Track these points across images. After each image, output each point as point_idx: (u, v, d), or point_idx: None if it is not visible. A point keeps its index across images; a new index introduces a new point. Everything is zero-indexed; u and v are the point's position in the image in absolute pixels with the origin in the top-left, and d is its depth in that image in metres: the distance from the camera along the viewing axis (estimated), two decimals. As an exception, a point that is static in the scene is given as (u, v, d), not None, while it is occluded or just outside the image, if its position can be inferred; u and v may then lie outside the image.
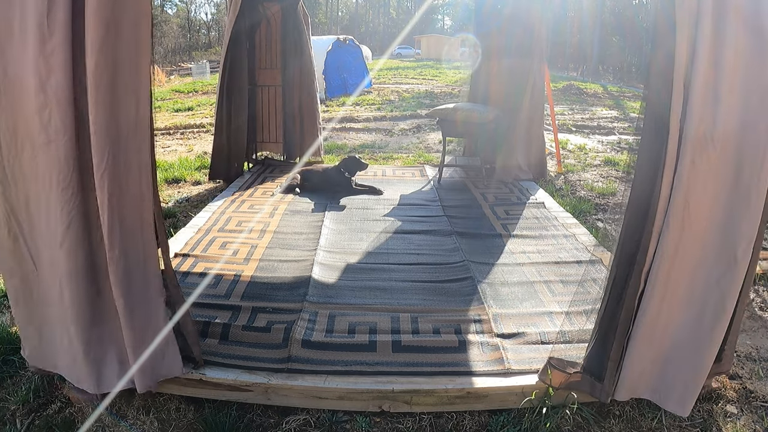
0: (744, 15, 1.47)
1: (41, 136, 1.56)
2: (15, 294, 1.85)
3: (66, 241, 1.65)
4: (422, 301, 2.59)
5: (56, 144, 1.55)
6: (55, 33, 1.47)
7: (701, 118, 1.53)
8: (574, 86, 15.23)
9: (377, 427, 1.93)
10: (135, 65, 1.57)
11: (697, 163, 1.57)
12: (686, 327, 1.77)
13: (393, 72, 23.15)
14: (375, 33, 58.53)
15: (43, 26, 1.46)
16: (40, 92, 1.51)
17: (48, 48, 1.48)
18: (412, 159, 6.34)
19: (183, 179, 5.37)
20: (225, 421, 1.90)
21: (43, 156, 1.59)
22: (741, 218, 1.59)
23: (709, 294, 1.70)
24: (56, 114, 1.53)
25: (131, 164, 1.64)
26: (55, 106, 1.52)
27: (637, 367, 1.82)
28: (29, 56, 1.50)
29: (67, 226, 1.63)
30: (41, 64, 1.49)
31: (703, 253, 1.68)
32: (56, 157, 1.57)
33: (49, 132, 1.55)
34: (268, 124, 5.67)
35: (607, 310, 1.85)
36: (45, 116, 1.53)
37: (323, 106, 11.41)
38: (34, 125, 1.56)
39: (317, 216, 3.86)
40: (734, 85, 1.50)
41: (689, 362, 1.78)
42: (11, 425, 1.91)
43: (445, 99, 12.22)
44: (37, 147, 1.58)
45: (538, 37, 4.79)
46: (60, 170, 1.58)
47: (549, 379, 1.92)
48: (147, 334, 1.81)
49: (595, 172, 5.82)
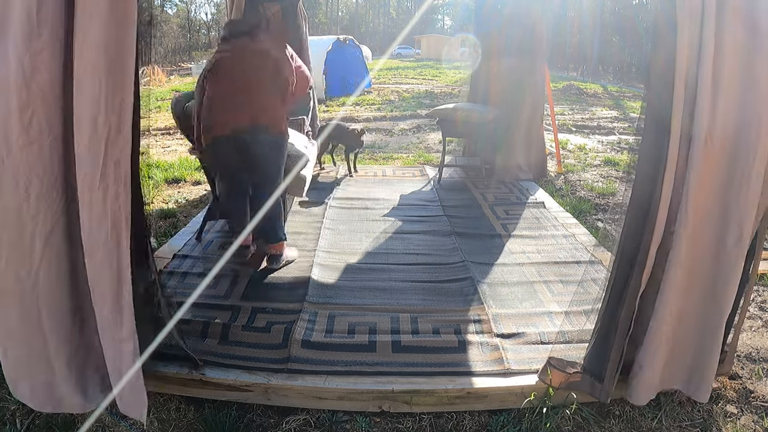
0: (742, 14, 1.48)
1: (21, 138, 1.44)
2: None
3: (49, 246, 1.55)
4: (422, 302, 2.59)
5: (39, 144, 1.46)
6: (45, 29, 1.39)
7: (705, 118, 1.53)
8: (574, 86, 15.23)
9: (377, 427, 1.93)
10: (119, 64, 1.46)
11: (700, 162, 1.58)
12: (695, 319, 1.80)
13: (393, 72, 23.15)
14: (375, 33, 58.55)
15: (32, 21, 1.37)
16: (23, 90, 1.41)
17: (35, 46, 1.39)
18: (412, 159, 6.34)
19: (183, 179, 5.37)
20: (225, 421, 1.90)
21: (17, 160, 1.46)
22: (734, 213, 1.64)
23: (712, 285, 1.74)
24: (41, 113, 1.44)
25: (108, 175, 1.50)
26: (40, 105, 1.43)
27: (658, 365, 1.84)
28: (11, 51, 1.39)
29: (50, 229, 1.54)
30: (26, 60, 1.39)
31: (702, 250, 1.71)
32: (39, 158, 1.47)
33: (30, 133, 1.45)
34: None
35: (607, 311, 1.85)
36: (27, 116, 1.43)
37: (323, 105, 11.41)
38: (10, 126, 1.44)
39: (317, 216, 3.86)
40: (732, 84, 1.51)
41: (701, 349, 1.82)
42: (11, 425, 1.91)
43: (445, 99, 12.22)
44: (13, 150, 1.45)
45: (538, 38, 4.79)
46: (44, 171, 1.49)
47: (549, 379, 1.92)
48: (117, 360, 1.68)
49: (595, 172, 5.82)
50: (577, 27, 27.52)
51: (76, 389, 1.77)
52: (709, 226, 1.68)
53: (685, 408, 2.01)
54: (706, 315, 1.79)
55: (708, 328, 1.80)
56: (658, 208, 1.63)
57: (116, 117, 1.48)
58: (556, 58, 26.47)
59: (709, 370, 1.84)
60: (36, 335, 1.66)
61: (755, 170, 1.58)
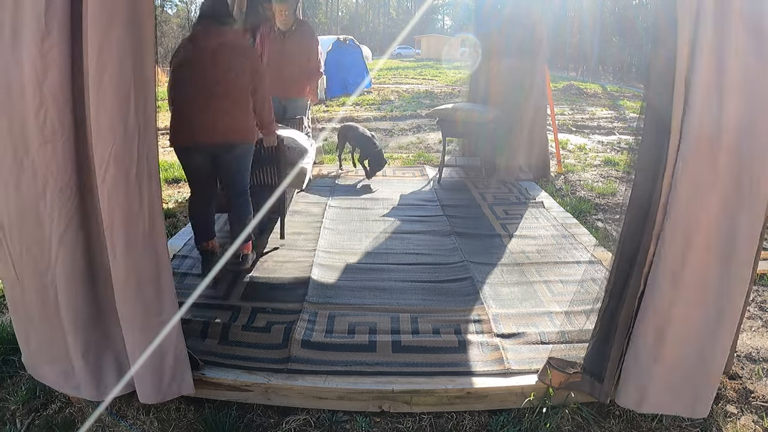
0: (745, 15, 1.47)
1: (37, 138, 1.51)
2: (8, 299, 1.83)
3: (63, 245, 1.61)
4: (422, 302, 2.59)
5: (53, 145, 1.52)
6: (53, 30, 1.43)
7: (703, 118, 1.52)
8: (574, 86, 15.22)
9: (377, 427, 1.93)
10: (140, 63, 1.52)
11: (699, 163, 1.57)
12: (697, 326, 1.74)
13: (393, 72, 23.15)
14: (375, 33, 58.55)
15: (41, 24, 1.42)
16: (37, 92, 1.47)
17: (45, 46, 1.44)
18: (412, 159, 6.34)
19: (183, 179, 5.37)
20: (225, 421, 1.90)
21: (34, 158, 1.53)
22: (742, 218, 1.59)
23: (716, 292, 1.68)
24: (53, 114, 1.49)
25: (142, 171, 1.58)
26: (51, 106, 1.48)
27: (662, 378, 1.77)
28: (23, 56, 1.45)
29: (64, 228, 1.60)
30: (38, 62, 1.45)
31: (707, 255, 1.66)
32: (53, 157, 1.53)
33: (45, 133, 1.51)
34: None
35: (607, 311, 1.85)
36: (41, 117, 1.49)
37: (323, 105, 11.41)
38: (27, 126, 1.51)
39: (316, 216, 3.86)
40: (735, 85, 1.50)
41: (702, 362, 1.75)
42: (11, 425, 1.91)
43: (445, 99, 12.22)
44: (30, 149, 1.53)
45: (538, 38, 4.78)
46: (58, 171, 1.55)
47: (549, 379, 1.92)
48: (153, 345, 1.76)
49: (595, 172, 5.82)
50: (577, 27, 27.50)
51: (92, 379, 1.81)
52: (711, 229, 1.64)
53: (685, 408, 2.00)
54: (705, 323, 1.71)
55: (706, 336, 1.72)
56: (658, 209, 1.63)
57: (143, 116, 1.55)
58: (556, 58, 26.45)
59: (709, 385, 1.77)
60: (56, 327, 1.75)
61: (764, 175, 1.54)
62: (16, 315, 1.82)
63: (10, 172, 1.56)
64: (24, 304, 1.76)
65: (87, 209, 1.64)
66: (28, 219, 1.61)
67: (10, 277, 1.72)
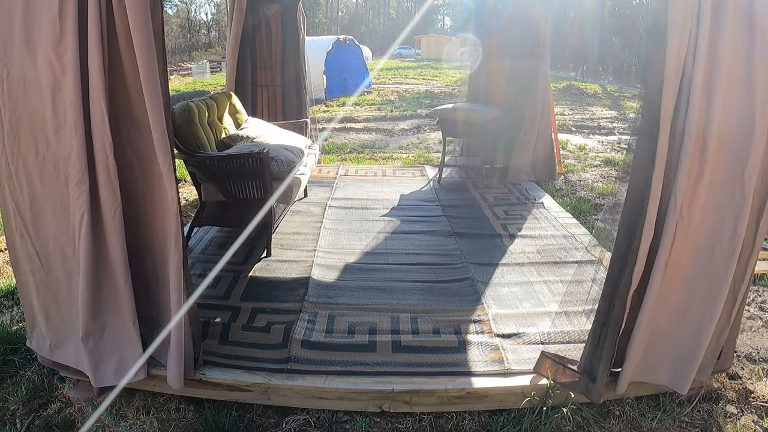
0: (741, 14, 1.48)
1: (57, 134, 1.63)
2: (25, 286, 1.91)
3: (80, 235, 1.70)
4: (422, 302, 2.60)
5: (69, 142, 1.62)
6: (66, 34, 1.53)
7: (698, 116, 1.53)
8: (574, 86, 15.22)
9: (377, 427, 1.93)
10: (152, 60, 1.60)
11: (693, 161, 1.58)
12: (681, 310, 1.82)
13: (393, 72, 23.15)
14: (375, 33, 58.51)
15: (56, 28, 1.53)
16: (57, 91, 1.58)
17: (61, 49, 1.54)
18: (412, 159, 6.34)
19: (183, 179, 5.37)
20: (225, 421, 1.90)
21: (56, 153, 1.66)
22: (732, 215, 1.63)
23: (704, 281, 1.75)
24: (71, 112, 1.59)
25: (172, 165, 1.70)
26: (69, 105, 1.58)
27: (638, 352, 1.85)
28: (41, 56, 1.56)
29: (80, 219, 1.69)
30: (55, 63, 1.55)
31: (696, 251, 1.71)
32: (68, 154, 1.64)
33: (64, 130, 1.61)
34: (267, 123, 5.67)
35: (601, 310, 1.86)
36: (61, 115, 1.60)
37: (323, 106, 11.41)
38: (46, 123, 1.63)
39: (316, 216, 3.86)
40: (731, 83, 1.51)
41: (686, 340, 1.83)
42: (11, 425, 1.91)
43: (445, 99, 12.22)
44: (51, 144, 1.65)
45: (540, 39, 4.76)
46: (74, 166, 1.64)
47: (544, 369, 1.93)
48: None
49: (595, 172, 5.82)
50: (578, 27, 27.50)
51: (91, 367, 1.86)
52: (701, 227, 1.68)
53: (685, 408, 2.01)
54: (692, 310, 1.80)
55: (692, 323, 1.80)
56: (648, 207, 1.64)
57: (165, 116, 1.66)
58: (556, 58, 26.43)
59: (692, 363, 1.83)
60: (75, 313, 1.84)
61: (754, 172, 1.57)
62: (39, 297, 1.91)
63: (34, 167, 1.70)
64: (48, 285, 1.87)
65: (97, 202, 1.73)
66: (54, 209, 1.75)
67: (33, 264, 1.85)
